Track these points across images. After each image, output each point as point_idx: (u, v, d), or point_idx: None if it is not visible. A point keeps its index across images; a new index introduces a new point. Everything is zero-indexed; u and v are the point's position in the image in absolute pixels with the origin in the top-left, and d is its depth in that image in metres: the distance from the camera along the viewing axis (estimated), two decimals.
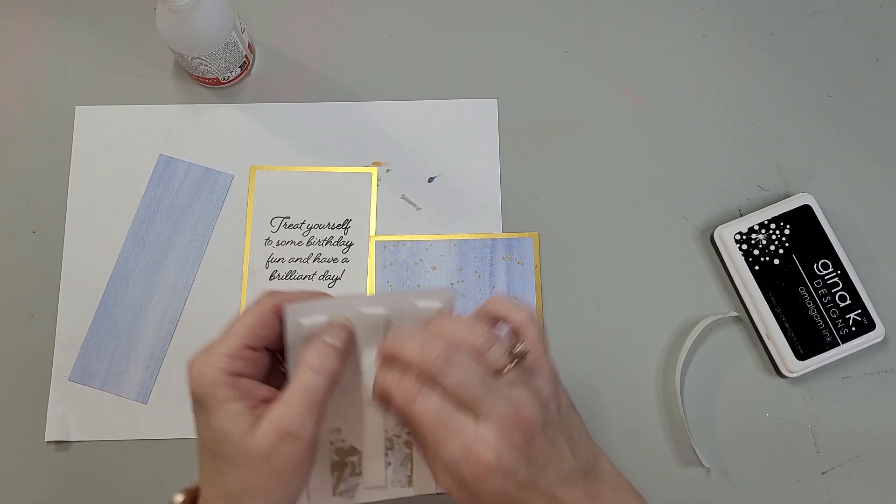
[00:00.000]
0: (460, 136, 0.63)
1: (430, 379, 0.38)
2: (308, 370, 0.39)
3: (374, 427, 0.45)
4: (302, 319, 0.41)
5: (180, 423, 0.57)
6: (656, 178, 0.62)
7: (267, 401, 0.39)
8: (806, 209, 0.59)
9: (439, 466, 0.39)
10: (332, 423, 0.44)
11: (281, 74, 0.64)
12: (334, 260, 0.60)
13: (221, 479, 0.39)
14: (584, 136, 0.63)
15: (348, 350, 0.41)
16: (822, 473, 0.57)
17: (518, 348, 0.40)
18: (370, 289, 0.59)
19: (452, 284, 0.59)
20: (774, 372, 0.58)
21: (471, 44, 0.65)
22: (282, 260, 0.60)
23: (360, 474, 0.46)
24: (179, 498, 0.41)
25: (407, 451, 0.46)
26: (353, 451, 0.45)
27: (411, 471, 0.46)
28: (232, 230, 0.60)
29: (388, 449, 0.46)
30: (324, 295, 0.42)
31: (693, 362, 0.59)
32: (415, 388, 0.38)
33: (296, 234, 0.60)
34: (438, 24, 0.65)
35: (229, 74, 0.61)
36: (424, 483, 0.46)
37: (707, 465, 0.56)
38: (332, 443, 0.45)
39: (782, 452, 0.57)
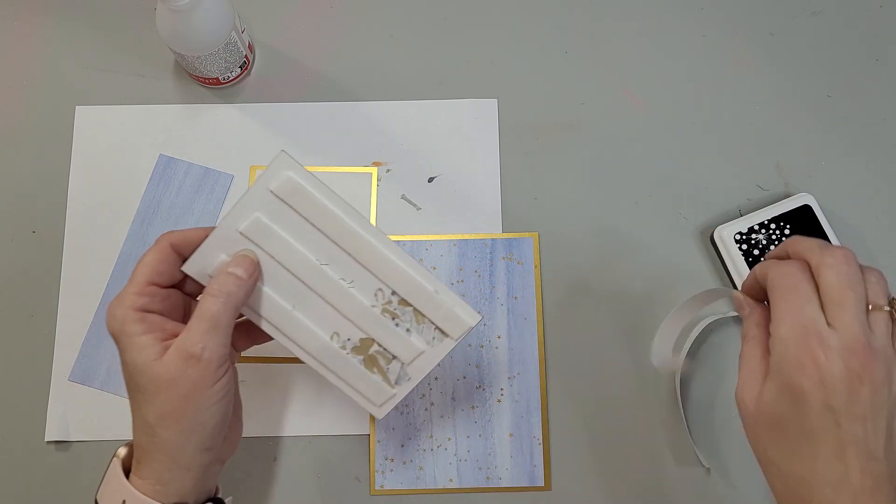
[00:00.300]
0: (460, 136, 0.63)
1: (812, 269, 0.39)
2: (207, 296, 0.42)
3: (361, 311, 0.45)
4: (208, 272, 0.44)
5: None
6: (656, 178, 0.62)
7: (178, 335, 0.41)
8: (806, 209, 0.59)
9: (770, 341, 0.39)
10: (325, 333, 0.45)
11: (281, 74, 0.64)
12: None
13: (140, 413, 0.41)
14: (584, 136, 0.63)
15: (252, 276, 0.43)
16: None
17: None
18: None
19: (452, 284, 0.59)
20: None
21: (471, 44, 0.65)
22: None
23: (394, 357, 0.46)
24: (123, 451, 0.43)
25: (410, 307, 0.46)
26: (368, 341, 0.46)
27: (434, 324, 0.46)
28: None
29: (394, 319, 0.46)
30: (206, 230, 0.44)
31: (693, 362, 0.59)
32: (791, 266, 0.39)
33: None
34: (438, 24, 0.65)
35: (229, 74, 0.61)
36: (457, 325, 0.45)
37: (707, 465, 0.56)
38: (343, 348, 0.46)
39: None
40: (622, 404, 0.58)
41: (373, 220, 0.61)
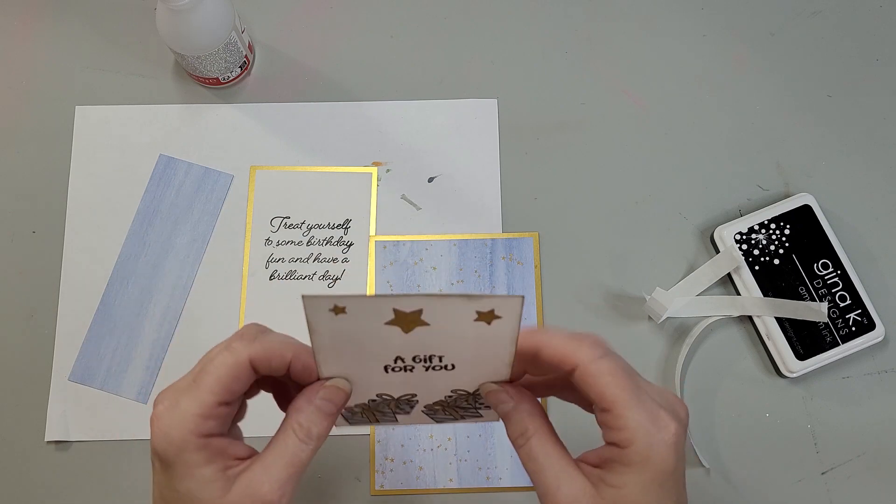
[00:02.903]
0: (460, 136, 0.63)
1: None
2: (292, 435, 0.35)
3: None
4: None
5: None
6: (656, 178, 0.62)
7: (242, 459, 0.36)
8: (806, 209, 0.59)
9: (616, 434, 0.35)
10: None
11: (281, 74, 0.64)
12: (334, 260, 0.60)
13: None
14: (584, 136, 0.63)
15: (340, 410, 0.37)
16: (822, 473, 0.57)
17: None
18: (370, 289, 0.59)
19: (452, 284, 0.59)
20: (774, 372, 0.58)
21: (471, 44, 0.65)
22: (282, 260, 0.60)
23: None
24: None
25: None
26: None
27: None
28: (232, 230, 0.60)
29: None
30: (293, 346, 0.36)
31: (693, 362, 0.59)
32: (599, 351, 0.36)
33: (296, 234, 0.60)
34: (438, 24, 0.65)
35: (229, 74, 0.61)
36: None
37: (707, 465, 0.56)
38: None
39: (782, 452, 0.57)
40: None
41: (372, 220, 0.61)
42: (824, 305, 0.55)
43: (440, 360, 0.37)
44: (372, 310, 0.34)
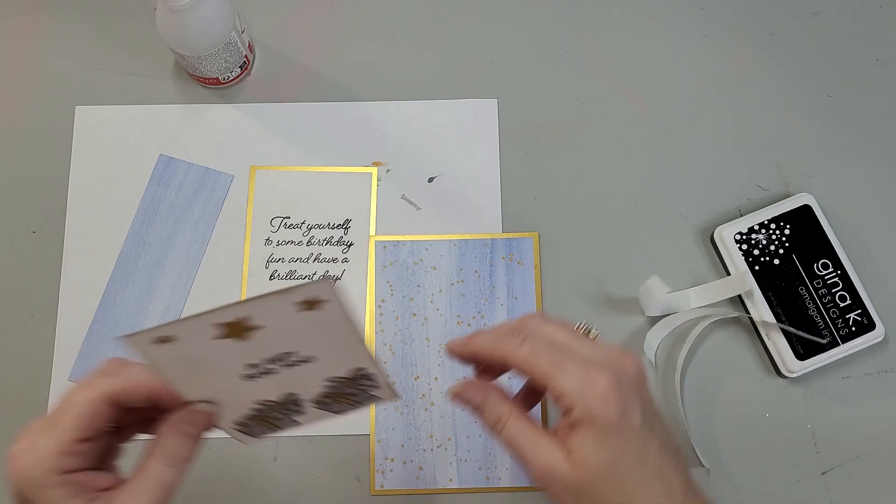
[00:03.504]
0: (460, 136, 0.63)
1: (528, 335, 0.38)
2: (160, 460, 0.36)
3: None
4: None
5: None
6: (656, 178, 0.62)
7: (107, 488, 0.36)
8: (806, 209, 0.59)
9: (556, 400, 0.37)
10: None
11: (281, 74, 0.64)
12: (334, 260, 0.60)
13: None
14: (584, 136, 0.63)
15: (203, 431, 0.38)
16: (822, 473, 0.57)
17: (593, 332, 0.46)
18: (370, 289, 0.59)
19: (452, 284, 0.59)
20: (774, 372, 0.58)
21: (471, 44, 0.65)
22: (282, 260, 0.60)
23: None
24: None
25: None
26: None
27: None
28: (232, 230, 0.60)
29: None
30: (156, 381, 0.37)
31: (693, 362, 0.59)
32: (518, 340, 0.38)
33: (296, 234, 0.60)
34: (438, 24, 0.65)
35: (229, 74, 0.61)
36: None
37: (707, 466, 0.56)
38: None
39: (782, 452, 0.57)
40: None
41: (372, 221, 0.61)
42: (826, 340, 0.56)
43: (296, 355, 0.37)
44: (194, 330, 0.34)
